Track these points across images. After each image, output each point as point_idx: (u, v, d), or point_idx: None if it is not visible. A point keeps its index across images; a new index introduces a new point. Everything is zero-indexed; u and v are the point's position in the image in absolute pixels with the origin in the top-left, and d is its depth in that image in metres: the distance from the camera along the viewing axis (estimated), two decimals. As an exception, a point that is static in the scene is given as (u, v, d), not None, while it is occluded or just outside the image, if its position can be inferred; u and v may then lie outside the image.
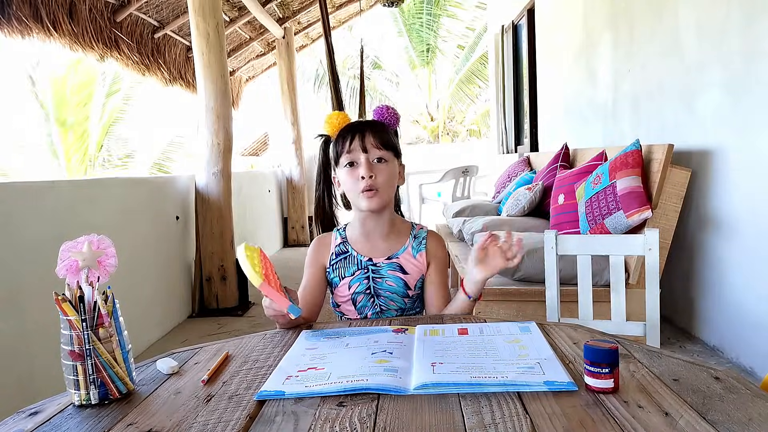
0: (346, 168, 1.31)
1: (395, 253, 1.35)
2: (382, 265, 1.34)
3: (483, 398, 0.76)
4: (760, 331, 2.30)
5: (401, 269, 1.34)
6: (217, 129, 3.77)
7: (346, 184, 1.33)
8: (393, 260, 1.35)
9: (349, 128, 1.33)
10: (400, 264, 1.35)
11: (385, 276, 1.34)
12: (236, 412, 0.76)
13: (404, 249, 1.36)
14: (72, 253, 0.85)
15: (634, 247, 1.56)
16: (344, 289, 1.36)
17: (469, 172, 6.67)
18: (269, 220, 6.36)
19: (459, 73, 15.06)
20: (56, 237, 2.10)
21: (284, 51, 6.67)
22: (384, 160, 1.30)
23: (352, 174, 1.29)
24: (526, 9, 5.82)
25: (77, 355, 0.81)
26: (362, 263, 1.35)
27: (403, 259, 1.35)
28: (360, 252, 1.36)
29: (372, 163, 1.28)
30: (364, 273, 1.34)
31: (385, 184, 1.29)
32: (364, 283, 1.34)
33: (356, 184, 1.29)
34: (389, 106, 1.38)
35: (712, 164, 2.61)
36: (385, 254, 1.35)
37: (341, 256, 1.37)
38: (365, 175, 1.27)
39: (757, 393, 0.75)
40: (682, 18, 2.84)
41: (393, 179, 1.33)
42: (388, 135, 1.33)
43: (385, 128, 1.34)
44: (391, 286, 1.34)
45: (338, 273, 1.36)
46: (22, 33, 3.64)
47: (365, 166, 1.27)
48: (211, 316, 3.78)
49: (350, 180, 1.30)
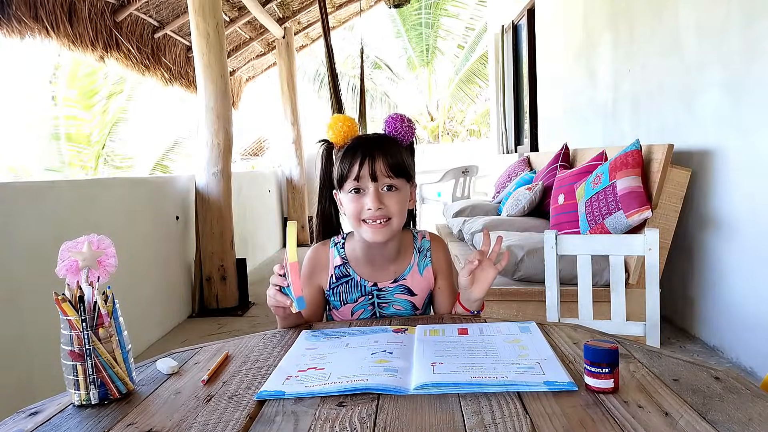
0: (350, 194, 1.17)
1: (401, 275, 1.25)
2: (388, 290, 1.25)
3: (483, 398, 0.76)
4: (760, 331, 2.30)
5: (408, 291, 1.25)
6: (217, 129, 3.77)
7: (349, 210, 1.18)
8: (400, 282, 1.24)
9: (357, 147, 1.17)
10: (408, 286, 1.25)
11: (391, 300, 1.25)
12: (236, 412, 0.76)
13: (410, 268, 1.26)
14: (72, 253, 0.85)
15: (634, 247, 1.56)
16: (346, 314, 1.28)
17: (469, 172, 6.67)
18: (269, 220, 6.36)
19: (459, 73, 15.08)
20: (56, 237, 2.10)
21: (284, 51, 6.67)
22: (395, 188, 1.16)
23: (357, 202, 1.16)
24: (526, 9, 5.82)
25: (77, 355, 0.81)
26: (366, 289, 1.24)
27: (410, 280, 1.25)
28: (363, 276, 1.25)
29: (381, 192, 1.15)
30: (368, 299, 1.25)
31: (395, 213, 1.16)
32: (368, 310, 1.26)
33: (360, 211, 1.16)
34: (404, 116, 1.23)
35: (712, 164, 2.61)
36: (391, 277, 1.24)
37: (342, 280, 1.25)
38: (372, 206, 1.14)
39: (757, 393, 0.75)
40: (682, 18, 2.84)
41: (404, 207, 1.19)
42: (401, 156, 1.18)
43: (397, 148, 1.19)
44: (398, 310, 1.26)
45: (340, 298, 1.26)
46: (22, 33, 3.64)
47: (373, 197, 1.14)
48: (211, 316, 3.78)
49: (354, 208, 1.16)
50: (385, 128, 1.24)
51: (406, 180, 1.20)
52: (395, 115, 1.24)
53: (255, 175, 6.36)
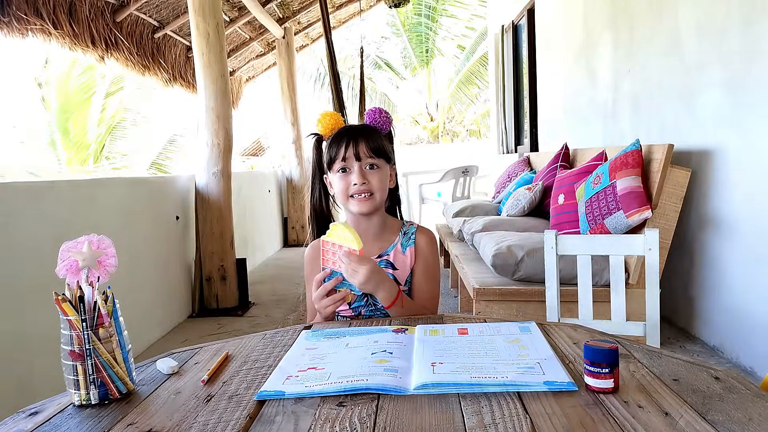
0: (338, 174, 1.35)
1: (385, 251, 1.39)
2: None
3: (483, 398, 0.76)
4: (760, 331, 2.30)
5: (391, 265, 1.37)
6: (217, 129, 3.77)
7: (337, 187, 1.36)
8: (383, 257, 1.38)
9: (343, 134, 1.35)
10: (390, 260, 1.38)
11: None
12: (236, 412, 0.76)
13: (393, 246, 1.39)
14: (72, 253, 0.85)
15: (634, 247, 1.56)
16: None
17: (469, 172, 6.67)
18: (269, 220, 6.36)
19: (459, 73, 15.07)
20: (56, 237, 2.10)
21: (284, 51, 6.67)
22: (376, 166, 1.34)
23: (345, 180, 1.34)
24: (526, 9, 5.82)
25: (77, 355, 0.81)
26: None
27: (392, 255, 1.38)
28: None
29: (364, 170, 1.33)
30: None
31: (377, 188, 1.34)
32: None
33: (347, 188, 1.33)
34: (382, 108, 1.41)
35: (712, 164, 2.61)
36: (376, 253, 1.38)
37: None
38: (357, 182, 1.32)
39: (757, 393, 0.75)
40: (682, 18, 2.84)
41: (385, 183, 1.37)
42: (381, 141, 1.36)
43: (377, 134, 1.37)
44: None
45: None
46: (22, 33, 3.64)
47: (358, 173, 1.32)
48: (211, 316, 3.78)
49: (342, 185, 1.34)
50: (366, 119, 1.41)
51: (386, 161, 1.37)
52: (374, 108, 1.42)
53: (255, 175, 6.36)
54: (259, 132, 14.49)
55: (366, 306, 1.35)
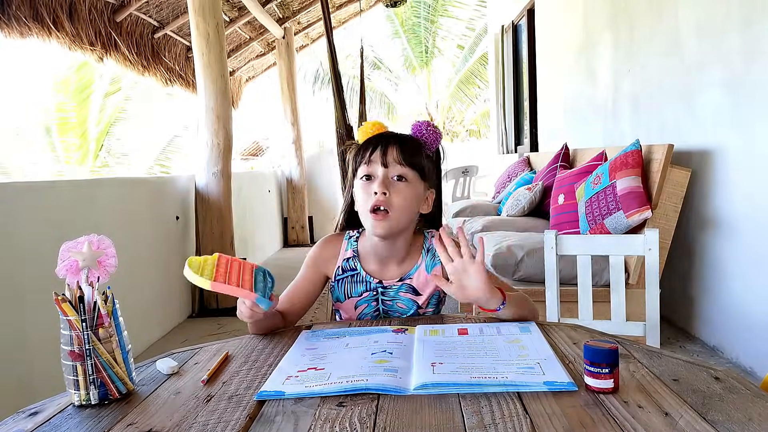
0: (361, 181, 1.17)
1: (408, 273, 1.23)
2: (393, 288, 1.23)
3: (483, 398, 0.76)
4: (760, 331, 2.30)
5: (413, 290, 1.23)
6: (216, 129, 3.77)
7: (358, 198, 1.18)
8: (405, 281, 1.23)
9: (376, 137, 1.19)
10: (413, 285, 1.23)
11: (395, 298, 1.24)
12: (236, 412, 0.76)
13: (417, 267, 1.23)
14: (72, 253, 0.85)
15: (634, 247, 1.56)
16: (350, 307, 1.26)
17: (469, 172, 6.68)
18: (269, 220, 6.35)
19: (458, 73, 15.07)
20: (56, 237, 2.10)
21: (284, 51, 6.66)
22: (404, 179, 1.14)
23: (366, 189, 1.14)
24: (526, 9, 5.82)
25: (77, 355, 0.81)
26: (371, 284, 1.24)
27: (416, 279, 1.23)
28: (370, 273, 1.24)
29: (390, 179, 1.13)
30: (372, 295, 1.24)
31: (399, 206, 1.12)
32: (372, 305, 1.25)
33: (367, 201, 1.14)
34: (430, 123, 1.22)
35: (712, 164, 2.61)
36: (397, 276, 1.23)
37: (348, 273, 1.25)
38: (378, 190, 1.11)
39: (757, 393, 0.75)
40: (682, 18, 2.84)
41: (411, 203, 1.15)
42: (418, 154, 1.17)
43: (417, 146, 1.18)
44: (401, 308, 1.24)
45: (344, 291, 1.26)
46: (22, 33, 3.64)
47: (380, 181, 1.12)
48: (211, 316, 3.78)
49: (363, 195, 1.15)
50: (412, 132, 1.23)
51: (420, 176, 1.17)
52: (421, 122, 1.23)
53: (255, 175, 6.36)
54: (259, 132, 14.48)
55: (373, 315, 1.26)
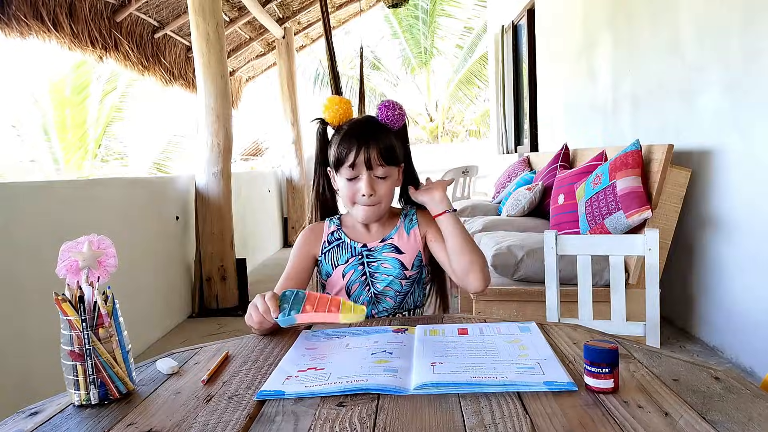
0: (346, 179, 1.30)
1: (388, 235, 1.35)
2: (376, 248, 1.33)
3: (483, 398, 0.76)
4: (759, 331, 2.30)
5: (396, 249, 1.33)
6: (216, 129, 3.77)
7: (343, 193, 1.32)
8: (387, 241, 1.34)
9: (353, 135, 1.28)
10: (395, 244, 1.34)
11: (380, 259, 1.33)
12: (236, 412, 0.76)
13: (396, 229, 1.36)
14: (72, 253, 0.85)
15: (634, 247, 1.56)
16: (338, 278, 1.34)
17: (469, 172, 6.67)
18: (269, 220, 6.35)
19: (458, 73, 15.07)
20: (56, 237, 2.10)
21: (284, 51, 6.66)
22: (386, 176, 1.30)
23: (352, 187, 1.29)
24: (526, 9, 5.82)
25: (77, 355, 0.81)
26: (356, 249, 1.34)
27: (396, 239, 1.34)
28: (354, 239, 1.35)
29: (374, 179, 1.28)
30: (358, 259, 1.33)
31: (384, 197, 1.30)
32: (359, 270, 1.33)
33: (355, 196, 1.29)
34: (395, 102, 1.33)
35: (712, 164, 2.60)
36: (379, 238, 1.35)
37: (334, 243, 1.36)
38: (366, 192, 1.27)
39: (757, 393, 0.75)
40: (682, 18, 2.84)
41: (392, 190, 1.34)
42: (392, 143, 1.30)
43: (388, 135, 1.30)
44: (386, 268, 1.32)
45: (331, 261, 1.34)
46: (22, 33, 3.64)
47: (367, 184, 1.27)
48: (211, 316, 3.78)
49: (349, 192, 1.30)
50: (378, 115, 1.32)
51: (396, 166, 1.33)
52: (387, 103, 1.33)
53: (255, 175, 6.36)
54: (259, 132, 14.47)
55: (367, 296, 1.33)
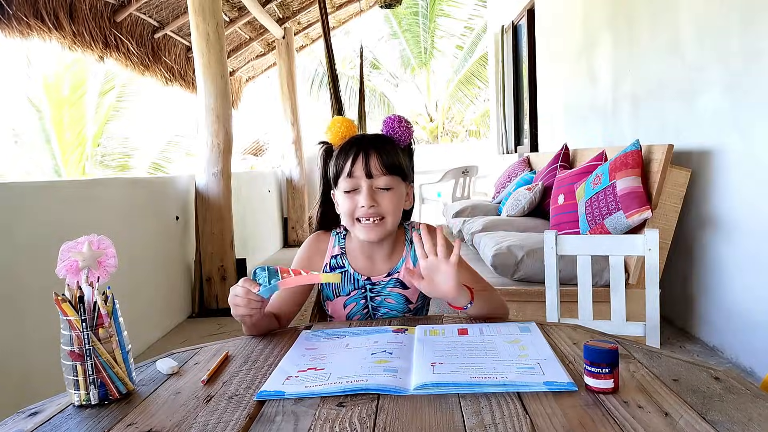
0: (345, 194, 1.19)
1: (395, 268, 1.25)
2: (381, 283, 1.25)
3: (483, 398, 0.76)
4: (759, 331, 2.30)
5: (401, 285, 1.24)
6: (216, 129, 3.77)
7: (343, 208, 1.20)
8: (393, 276, 1.25)
9: (353, 145, 1.19)
10: (401, 279, 1.25)
11: (383, 294, 1.25)
12: (236, 412, 0.76)
13: (402, 261, 1.25)
14: (72, 253, 0.85)
15: (634, 247, 1.56)
16: (339, 306, 1.27)
17: (469, 172, 6.68)
18: (269, 220, 6.35)
19: (458, 73, 15.07)
20: (56, 237, 2.10)
21: (284, 51, 6.66)
22: (389, 187, 1.17)
23: (351, 200, 1.17)
24: (525, 9, 5.82)
25: (77, 355, 0.81)
26: (359, 282, 1.25)
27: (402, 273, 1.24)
28: (358, 270, 1.25)
29: (375, 189, 1.16)
30: (361, 293, 1.25)
31: (388, 212, 1.17)
32: (361, 303, 1.26)
33: (353, 210, 1.17)
34: (402, 117, 1.24)
35: (712, 164, 2.61)
36: (385, 271, 1.25)
37: (336, 271, 1.26)
38: (365, 204, 1.15)
39: (757, 393, 0.75)
40: (682, 18, 2.84)
41: (398, 207, 1.20)
42: (397, 156, 1.19)
43: (393, 147, 1.20)
44: (390, 303, 1.25)
45: (333, 288, 1.27)
46: (22, 33, 3.64)
47: (367, 195, 1.15)
48: (211, 317, 3.78)
49: (348, 206, 1.18)
50: (383, 129, 1.25)
51: (402, 179, 1.21)
52: (393, 116, 1.25)
53: (255, 175, 6.36)
54: (259, 132, 14.47)
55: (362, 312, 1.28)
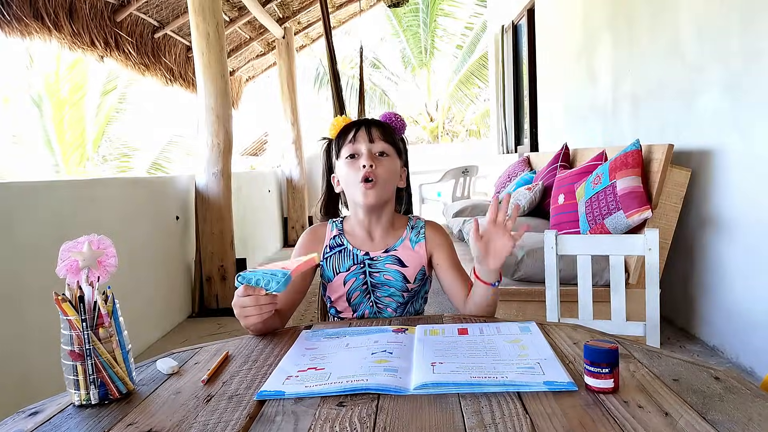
0: (346, 160, 1.28)
1: (393, 245, 1.31)
2: (379, 259, 1.30)
3: (483, 398, 0.76)
4: (760, 331, 2.30)
5: (399, 262, 1.30)
6: (217, 129, 3.77)
7: (345, 177, 1.29)
8: (390, 252, 1.30)
9: (353, 122, 1.33)
10: (398, 256, 1.30)
11: (382, 270, 1.29)
12: (236, 412, 0.76)
13: (402, 240, 1.32)
14: (72, 253, 0.85)
15: (634, 247, 1.56)
16: (339, 285, 1.30)
17: (469, 172, 6.68)
18: (269, 220, 6.35)
19: (458, 73, 15.07)
20: (56, 237, 2.10)
21: (284, 51, 6.66)
22: (386, 154, 1.29)
23: (353, 165, 1.27)
24: (526, 9, 5.82)
25: (77, 355, 0.81)
26: (358, 257, 1.30)
27: (401, 251, 1.31)
28: (356, 246, 1.32)
29: (374, 154, 1.27)
30: (360, 268, 1.30)
31: (384, 177, 1.27)
32: (360, 278, 1.30)
33: (356, 175, 1.26)
34: (397, 114, 1.37)
35: (712, 164, 2.61)
36: (383, 247, 1.31)
37: (336, 249, 1.32)
38: (366, 163, 1.24)
39: (757, 393, 0.75)
40: (682, 18, 2.84)
41: (393, 176, 1.30)
42: (393, 134, 1.33)
43: (390, 127, 1.34)
44: (388, 280, 1.29)
45: (332, 267, 1.31)
46: (23, 33, 3.64)
47: (367, 156, 1.25)
48: (211, 316, 3.78)
49: (350, 172, 1.27)
50: (381, 119, 1.37)
51: (397, 153, 1.33)
52: (389, 113, 1.38)
53: (255, 175, 6.36)
54: (259, 132, 14.47)
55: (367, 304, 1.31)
